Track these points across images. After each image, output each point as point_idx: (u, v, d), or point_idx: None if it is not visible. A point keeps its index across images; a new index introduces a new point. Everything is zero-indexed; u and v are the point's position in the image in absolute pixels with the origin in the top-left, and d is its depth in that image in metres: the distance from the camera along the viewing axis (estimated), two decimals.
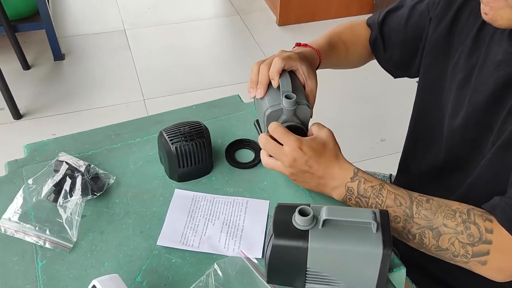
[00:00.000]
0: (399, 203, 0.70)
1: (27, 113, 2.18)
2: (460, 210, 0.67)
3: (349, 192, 0.73)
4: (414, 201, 0.70)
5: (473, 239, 0.65)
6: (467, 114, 0.75)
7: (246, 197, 0.82)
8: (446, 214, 0.67)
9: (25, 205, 0.77)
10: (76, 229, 0.74)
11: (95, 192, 0.79)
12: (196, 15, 2.91)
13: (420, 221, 0.69)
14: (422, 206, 0.69)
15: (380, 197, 0.71)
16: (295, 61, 0.80)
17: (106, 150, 0.89)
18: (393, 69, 0.98)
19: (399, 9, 0.92)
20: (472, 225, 0.65)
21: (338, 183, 0.73)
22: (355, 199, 0.73)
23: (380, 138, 2.12)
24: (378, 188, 0.71)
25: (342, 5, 2.83)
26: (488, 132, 0.73)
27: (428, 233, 0.68)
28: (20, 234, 0.74)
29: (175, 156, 0.80)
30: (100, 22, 2.80)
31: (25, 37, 2.55)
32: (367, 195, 0.71)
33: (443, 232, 0.67)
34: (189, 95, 2.30)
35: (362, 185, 0.72)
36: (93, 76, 2.41)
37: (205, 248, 0.74)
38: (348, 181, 0.73)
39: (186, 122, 0.84)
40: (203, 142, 0.81)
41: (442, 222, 0.67)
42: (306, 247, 0.61)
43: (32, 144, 0.89)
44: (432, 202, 0.69)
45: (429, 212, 0.68)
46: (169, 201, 0.81)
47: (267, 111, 0.78)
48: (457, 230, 0.66)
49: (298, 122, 0.78)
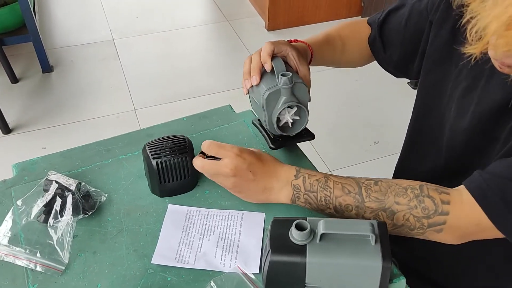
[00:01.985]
0: (348, 191, 0.69)
1: (16, 127, 2.15)
2: (411, 186, 0.67)
3: (296, 190, 0.72)
4: (362, 186, 0.69)
5: (428, 212, 0.65)
6: (471, 124, 0.74)
7: (241, 210, 0.80)
8: (397, 192, 0.67)
9: (15, 227, 0.75)
10: (68, 250, 0.72)
11: (86, 211, 0.77)
12: (184, 22, 2.90)
13: (371, 204, 0.68)
14: (371, 189, 0.68)
15: (328, 188, 0.70)
16: (284, 45, 0.82)
17: (97, 167, 0.87)
18: (392, 70, 0.97)
19: (401, 9, 0.90)
20: (426, 198, 0.65)
21: (283, 183, 0.73)
22: (303, 196, 0.72)
23: (373, 141, 2.11)
24: (324, 180, 0.71)
25: (330, 8, 2.83)
26: (494, 141, 0.72)
27: (382, 214, 0.68)
28: (10, 257, 0.72)
29: (156, 171, 0.79)
30: (88, 33, 2.77)
31: (13, 50, 2.52)
32: (314, 189, 0.71)
33: (396, 210, 0.67)
34: (180, 103, 2.29)
35: (308, 180, 0.71)
36: (83, 87, 2.39)
37: (201, 265, 0.72)
38: (293, 179, 0.72)
39: (170, 136, 0.83)
40: (186, 157, 0.80)
41: (393, 201, 0.67)
42: (305, 262, 0.60)
43: (21, 163, 0.87)
44: (381, 183, 0.69)
45: (379, 193, 0.68)
46: (163, 217, 0.79)
47: (265, 94, 0.77)
48: (410, 205, 0.66)
49: (297, 101, 0.78)
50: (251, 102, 0.87)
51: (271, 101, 0.78)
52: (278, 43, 0.82)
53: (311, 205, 0.72)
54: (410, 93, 2.34)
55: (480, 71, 0.73)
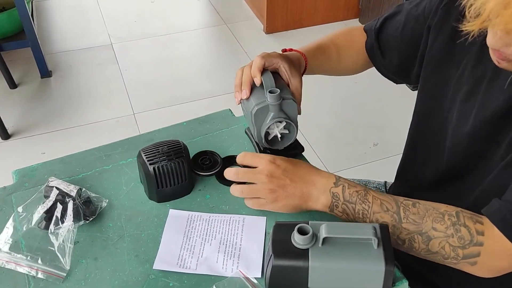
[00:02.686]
0: (386, 209, 0.69)
1: (15, 132, 2.14)
2: (449, 213, 0.66)
3: (335, 198, 0.71)
4: (400, 206, 0.68)
5: (463, 242, 0.64)
6: (473, 128, 0.74)
7: (243, 214, 0.80)
8: (435, 217, 0.66)
9: (16, 234, 0.75)
10: (69, 256, 0.72)
11: (87, 217, 0.77)
12: (183, 26, 2.90)
13: (408, 226, 0.67)
14: (410, 210, 0.68)
15: (367, 202, 0.69)
16: (275, 58, 0.82)
17: (97, 172, 0.87)
18: (392, 76, 0.97)
19: (397, 15, 0.90)
20: (462, 228, 0.64)
21: (321, 189, 0.71)
22: (342, 205, 0.71)
23: (372, 143, 2.11)
24: (363, 193, 0.70)
25: (328, 10, 2.84)
26: (495, 146, 0.72)
27: (418, 238, 0.67)
28: (12, 264, 0.71)
29: (153, 176, 0.79)
30: (87, 37, 2.77)
31: (11, 56, 2.52)
32: (353, 201, 0.70)
33: (433, 236, 0.66)
34: (179, 107, 2.29)
35: (347, 190, 0.70)
36: (82, 92, 2.38)
37: (203, 270, 0.72)
38: (332, 186, 0.71)
39: (164, 141, 0.83)
40: (182, 161, 0.80)
41: (431, 226, 0.66)
42: (307, 266, 0.60)
43: (21, 170, 0.87)
44: (419, 206, 0.68)
45: (417, 216, 0.67)
46: (164, 222, 0.79)
47: (254, 109, 0.79)
48: (447, 233, 0.65)
49: (285, 117, 0.79)
50: (243, 112, 0.88)
51: (259, 116, 0.79)
52: (270, 56, 0.81)
53: (348, 216, 0.71)
54: (410, 94, 2.34)
55: (482, 74, 0.73)
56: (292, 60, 0.85)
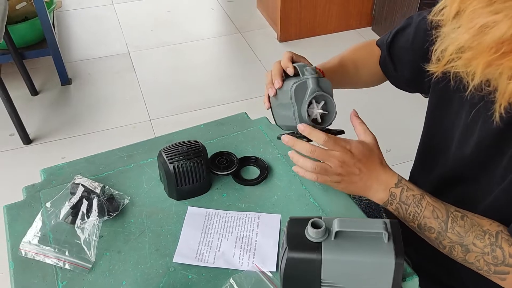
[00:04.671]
0: (436, 216, 0.73)
1: (36, 137, 2.21)
2: (490, 232, 0.70)
3: (392, 197, 0.76)
4: (450, 216, 0.73)
5: (496, 261, 0.69)
6: (479, 139, 0.76)
7: (258, 212, 0.83)
8: (477, 234, 0.70)
9: (44, 228, 0.79)
10: (94, 249, 0.76)
11: (111, 213, 0.81)
12: (198, 34, 2.97)
13: (452, 237, 0.72)
14: (457, 222, 0.72)
15: (420, 206, 0.74)
16: (302, 57, 0.86)
17: (120, 171, 0.91)
18: (405, 87, 0.99)
19: (407, 28, 0.92)
20: (498, 249, 0.69)
21: (382, 187, 0.76)
22: (396, 204, 0.76)
23: (385, 149, 2.13)
24: (419, 197, 0.74)
25: (341, 19, 2.87)
26: (500, 156, 0.73)
27: (458, 248, 0.72)
28: (40, 256, 0.76)
29: (173, 175, 0.83)
30: (105, 46, 2.85)
31: (33, 64, 2.60)
32: (408, 203, 0.75)
33: (471, 250, 0.71)
34: (194, 114, 2.34)
35: (405, 192, 0.75)
36: (100, 99, 2.45)
37: (220, 264, 0.75)
38: (392, 187, 0.76)
39: (184, 142, 0.87)
40: (201, 161, 0.84)
41: (472, 241, 0.71)
42: (320, 259, 0.63)
43: (48, 169, 0.92)
44: (467, 220, 0.72)
45: (462, 230, 0.71)
46: (183, 219, 0.82)
47: (292, 88, 0.78)
48: (484, 251, 0.70)
49: (323, 91, 0.79)
50: (275, 115, 0.88)
51: (298, 94, 0.79)
52: (295, 54, 0.86)
53: (399, 214, 0.76)
54: (422, 101, 2.34)
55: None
56: None
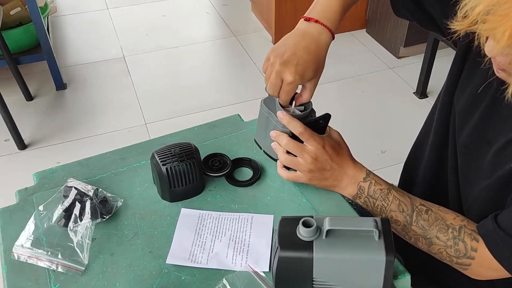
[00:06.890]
0: (402, 209, 0.76)
1: (31, 143, 2.21)
2: (453, 227, 0.72)
3: (360, 191, 0.79)
4: (415, 210, 0.75)
5: (458, 254, 0.72)
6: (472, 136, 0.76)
7: (251, 213, 0.84)
8: (440, 228, 0.73)
9: (37, 231, 0.79)
10: (87, 252, 0.76)
11: (104, 215, 0.81)
12: (193, 38, 2.97)
13: (416, 229, 0.75)
14: (421, 216, 0.75)
15: (386, 200, 0.77)
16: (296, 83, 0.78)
17: (113, 174, 0.91)
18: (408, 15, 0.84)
19: None
20: (460, 242, 0.71)
21: (351, 181, 0.79)
22: (364, 198, 0.78)
23: (380, 150, 2.14)
24: (386, 191, 0.77)
25: None
26: (488, 145, 0.73)
27: (422, 240, 0.75)
28: (33, 259, 0.76)
29: (166, 176, 0.83)
30: (100, 51, 2.85)
31: (28, 69, 2.60)
32: (375, 197, 0.77)
33: (434, 242, 0.73)
34: (189, 117, 2.34)
35: (373, 186, 0.78)
36: (95, 104, 2.45)
37: (213, 264, 0.76)
38: (361, 181, 0.79)
39: (177, 144, 0.87)
40: (193, 162, 0.84)
41: (435, 235, 0.73)
42: (312, 257, 0.63)
43: (41, 172, 0.92)
44: (431, 214, 0.74)
45: (426, 223, 0.74)
46: (176, 220, 0.83)
47: (261, 103, 0.84)
48: (447, 244, 0.72)
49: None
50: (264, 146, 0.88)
51: (269, 104, 0.83)
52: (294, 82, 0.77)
53: (367, 207, 0.79)
54: (417, 102, 2.37)
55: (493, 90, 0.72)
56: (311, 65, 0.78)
